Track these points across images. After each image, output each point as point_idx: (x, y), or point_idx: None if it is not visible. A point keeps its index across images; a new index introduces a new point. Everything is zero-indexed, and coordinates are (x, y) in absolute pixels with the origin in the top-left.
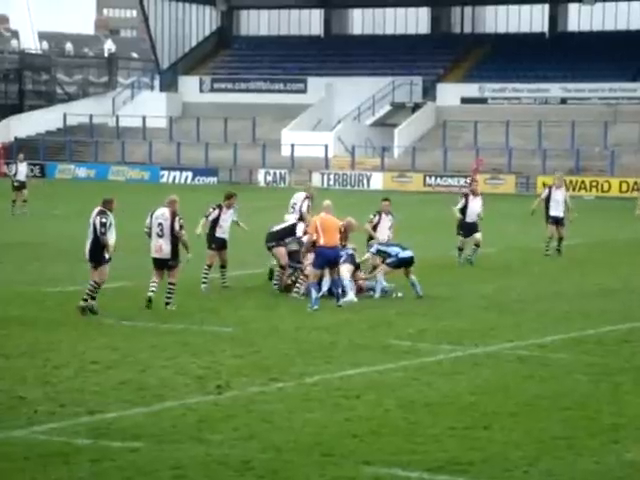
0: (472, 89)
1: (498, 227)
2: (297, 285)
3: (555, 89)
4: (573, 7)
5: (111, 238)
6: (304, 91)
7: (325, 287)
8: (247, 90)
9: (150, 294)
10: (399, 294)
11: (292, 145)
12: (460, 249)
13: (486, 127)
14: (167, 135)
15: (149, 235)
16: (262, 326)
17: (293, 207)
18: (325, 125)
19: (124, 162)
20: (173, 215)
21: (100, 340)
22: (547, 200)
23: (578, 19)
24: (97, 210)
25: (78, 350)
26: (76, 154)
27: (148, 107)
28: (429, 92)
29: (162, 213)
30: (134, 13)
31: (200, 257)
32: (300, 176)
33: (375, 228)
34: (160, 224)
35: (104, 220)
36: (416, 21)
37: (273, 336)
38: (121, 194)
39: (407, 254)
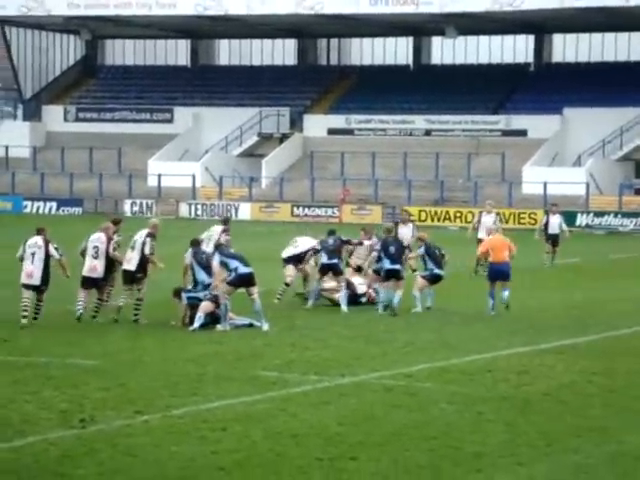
0: (339, 120)
1: None
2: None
3: (419, 121)
4: (436, 40)
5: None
6: (171, 121)
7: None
8: (113, 120)
9: (79, 312)
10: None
11: (159, 175)
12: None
13: (352, 158)
14: (30, 165)
15: (83, 256)
16: (128, 358)
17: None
18: (192, 155)
19: None
20: (109, 239)
21: None
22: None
23: (441, 52)
24: (42, 239)
25: None
26: None
27: (11, 137)
28: (296, 123)
29: (98, 237)
30: None
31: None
32: (167, 206)
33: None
34: (96, 247)
35: (56, 245)
36: (283, 52)
37: (139, 368)
38: None
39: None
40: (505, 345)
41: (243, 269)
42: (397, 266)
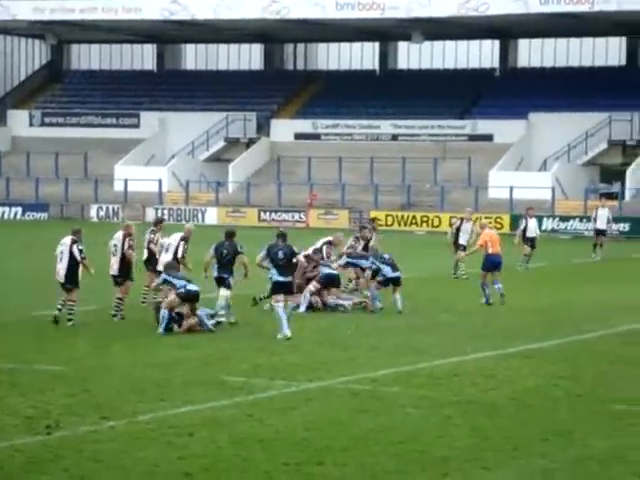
0: (305, 125)
1: None
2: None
3: (386, 126)
4: (402, 45)
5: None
6: (137, 126)
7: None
8: (79, 124)
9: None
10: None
11: (125, 180)
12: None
13: (319, 163)
14: None
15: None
16: (94, 364)
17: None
18: (159, 160)
19: None
20: (125, 237)
21: None
22: (457, 230)
23: (407, 57)
24: (70, 239)
25: None
26: None
27: None
28: (263, 128)
29: (118, 235)
30: None
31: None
32: (133, 211)
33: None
34: (115, 245)
35: (81, 247)
36: (249, 57)
37: (106, 374)
38: None
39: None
40: (472, 349)
41: (276, 277)
42: (398, 273)
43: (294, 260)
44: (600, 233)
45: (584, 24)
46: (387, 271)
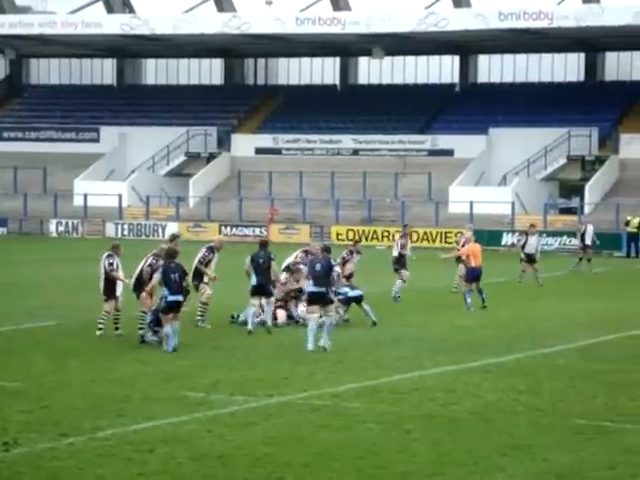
0: (266, 140)
1: None
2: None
3: (347, 140)
4: (363, 60)
5: (120, 274)
6: (97, 140)
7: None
8: (38, 139)
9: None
10: None
11: (85, 195)
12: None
13: (280, 177)
14: None
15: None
16: (53, 379)
17: None
18: (119, 175)
19: None
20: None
21: None
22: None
23: (368, 72)
24: (106, 254)
25: None
26: None
27: None
28: (224, 142)
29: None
30: None
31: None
32: (93, 226)
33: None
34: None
35: (111, 261)
36: (210, 72)
37: (64, 390)
38: None
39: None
40: (433, 364)
41: (311, 288)
42: (359, 291)
43: (332, 274)
44: (587, 248)
45: (543, 40)
46: (346, 290)
